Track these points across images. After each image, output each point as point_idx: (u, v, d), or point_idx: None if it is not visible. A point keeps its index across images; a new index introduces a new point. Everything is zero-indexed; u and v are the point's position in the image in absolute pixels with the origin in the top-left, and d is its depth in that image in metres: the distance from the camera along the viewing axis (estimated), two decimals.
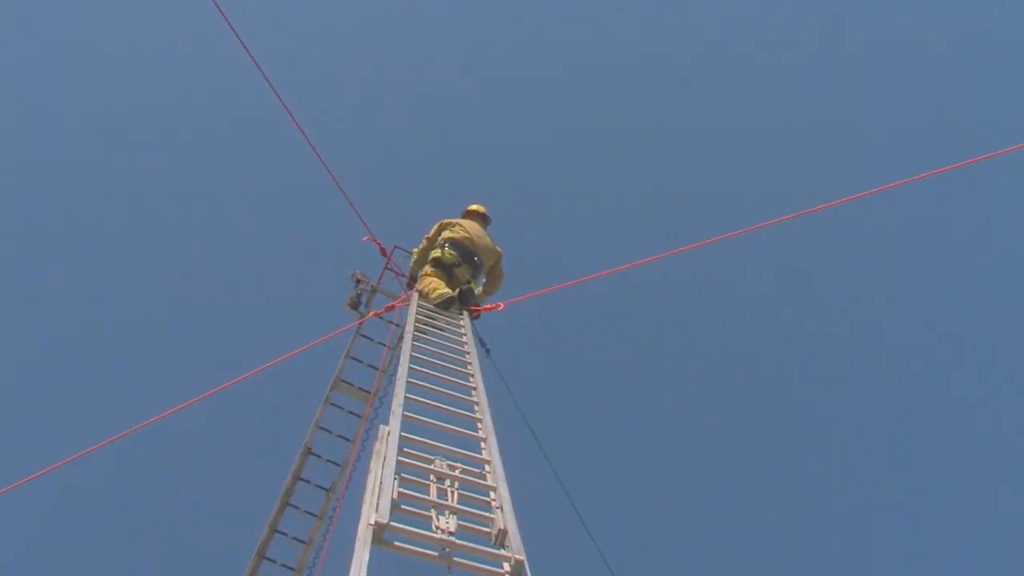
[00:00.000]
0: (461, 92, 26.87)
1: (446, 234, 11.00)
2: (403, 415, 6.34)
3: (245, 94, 22.11)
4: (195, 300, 23.83)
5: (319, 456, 10.76)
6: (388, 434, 6.01)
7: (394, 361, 10.46)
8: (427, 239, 11.21)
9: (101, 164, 23.92)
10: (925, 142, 24.09)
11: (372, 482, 5.51)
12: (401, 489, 5.37)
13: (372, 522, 4.90)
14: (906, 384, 23.75)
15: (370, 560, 4.69)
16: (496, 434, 6.51)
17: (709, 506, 23.19)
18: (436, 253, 10.78)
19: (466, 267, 10.86)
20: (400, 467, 5.63)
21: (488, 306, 10.22)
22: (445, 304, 10.01)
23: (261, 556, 10.45)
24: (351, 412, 10.92)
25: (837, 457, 23.58)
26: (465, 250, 10.84)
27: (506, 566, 4.93)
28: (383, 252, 11.51)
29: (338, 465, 10.77)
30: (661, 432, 24.22)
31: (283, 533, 10.57)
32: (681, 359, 25.31)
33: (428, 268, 10.70)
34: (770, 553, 22.40)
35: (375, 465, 5.75)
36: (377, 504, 5.08)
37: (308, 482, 10.67)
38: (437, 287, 10.14)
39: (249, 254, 25.18)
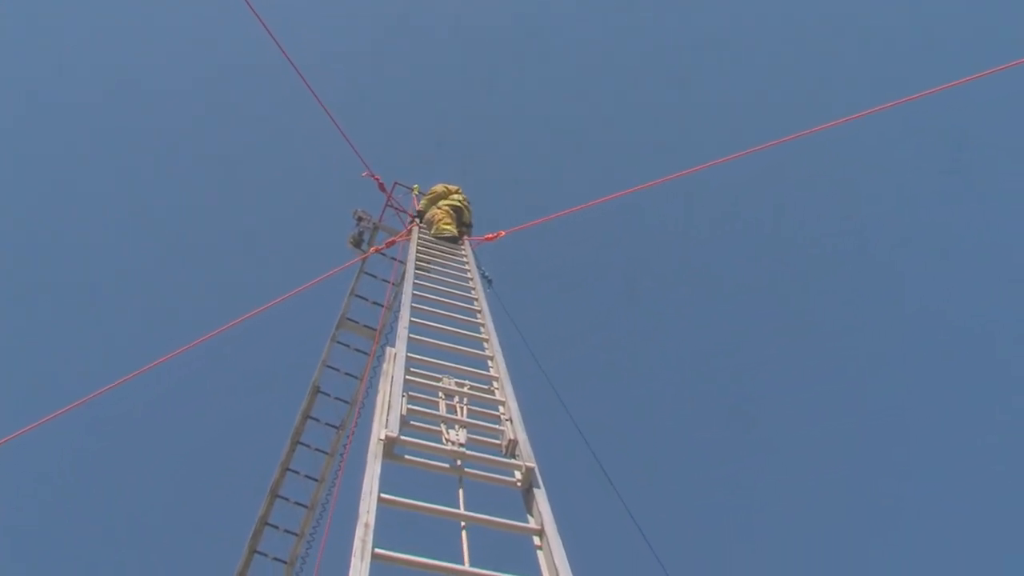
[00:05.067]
0: (455, 27, 26.62)
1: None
2: (409, 337, 6.33)
3: (242, 34, 21.83)
4: (197, 242, 23.87)
5: (327, 394, 10.77)
6: (395, 355, 6.00)
7: (398, 296, 10.44)
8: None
9: (101, 109, 23.78)
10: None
11: (381, 401, 5.52)
12: (410, 406, 5.38)
13: (382, 437, 4.91)
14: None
15: (383, 475, 4.71)
16: (503, 352, 6.50)
17: (704, 417, 23.65)
18: (457, 202, 10.75)
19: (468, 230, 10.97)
20: (408, 385, 5.63)
21: (489, 235, 10.20)
22: (446, 239, 10.02)
23: (274, 495, 10.52)
24: (358, 350, 10.90)
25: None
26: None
27: (517, 474, 4.95)
28: (382, 188, 11.41)
29: (347, 403, 10.79)
30: (655, 350, 24.63)
31: (295, 471, 10.63)
32: (673, 279, 25.59)
33: (443, 205, 10.66)
34: (754, 461, 22.87)
35: (384, 385, 5.76)
36: (387, 420, 5.09)
37: (318, 420, 10.70)
38: (446, 220, 10.15)
39: (250, 195, 25.18)
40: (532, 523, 4.62)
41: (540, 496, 4.74)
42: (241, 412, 21.72)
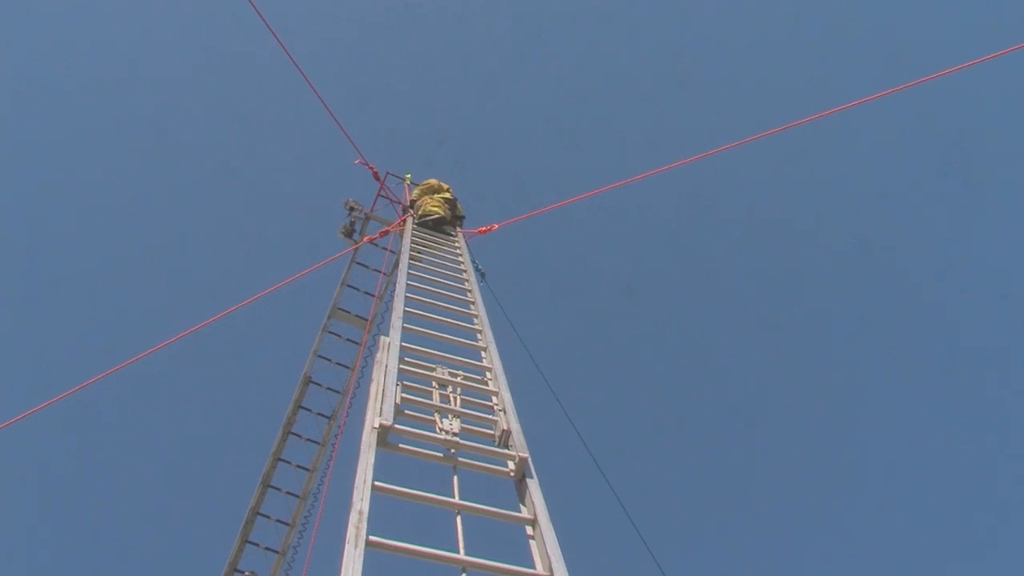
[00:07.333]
0: (451, 16, 26.57)
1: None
2: (403, 327, 6.33)
3: (237, 24, 21.79)
4: (188, 232, 23.78)
5: (319, 384, 10.77)
6: (389, 344, 6.00)
7: (390, 287, 10.44)
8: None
9: (91, 98, 23.64)
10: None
11: (375, 389, 5.52)
12: (404, 395, 5.38)
13: (376, 425, 4.90)
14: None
15: (376, 463, 4.71)
16: (496, 344, 6.51)
17: (695, 409, 23.84)
18: (448, 197, 10.76)
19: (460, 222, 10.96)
20: (402, 375, 5.63)
21: (483, 228, 10.20)
22: (434, 223, 10.03)
23: (266, 485, 10.52)
24: (349, 340, 10.90)
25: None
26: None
27: (511, 464, 4.96)
28: (376, 176, 11.35)
29: (338, 392, 10.79)
30: (647, 343, 24.79)
31: (286, 461, 10.62)
32: (664, 272, 25.77)
33: (435, 197, 10.67)
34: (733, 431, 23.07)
35: (377, 374, 5.76)
36: (380, 408, 5.09)
37: (309, 410, 10.70)
38: (433, 203, 10.16)
39: (242, 184, 25.10)
40: (525, 513, 4.63)
41: (533, 486, 4.76)
42: (233, 402, 21.73)
